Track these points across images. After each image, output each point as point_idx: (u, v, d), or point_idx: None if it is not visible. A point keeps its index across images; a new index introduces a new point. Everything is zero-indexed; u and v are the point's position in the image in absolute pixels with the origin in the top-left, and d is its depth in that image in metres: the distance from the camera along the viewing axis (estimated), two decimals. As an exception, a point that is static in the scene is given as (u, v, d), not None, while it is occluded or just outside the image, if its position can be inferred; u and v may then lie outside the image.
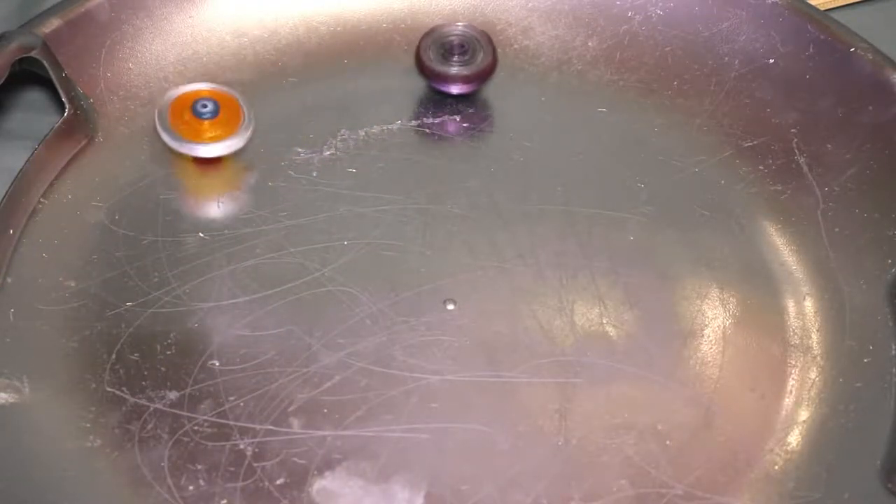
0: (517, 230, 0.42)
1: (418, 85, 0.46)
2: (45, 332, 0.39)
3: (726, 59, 0.46)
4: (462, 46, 0.45)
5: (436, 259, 0.41)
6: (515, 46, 0.48)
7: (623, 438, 0.37)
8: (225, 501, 0.35)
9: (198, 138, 0.42)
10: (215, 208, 0.42)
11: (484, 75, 0.45)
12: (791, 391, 0.39)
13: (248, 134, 0.43)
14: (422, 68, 0.45)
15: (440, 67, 0.45)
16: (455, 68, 0.45)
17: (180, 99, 0.43)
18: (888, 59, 0.44)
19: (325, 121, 0.45)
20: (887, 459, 0.36)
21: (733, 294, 0.41)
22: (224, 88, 0.43)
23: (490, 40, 0.46)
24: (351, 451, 0.36)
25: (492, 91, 0.46)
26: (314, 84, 0.46)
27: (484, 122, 0.45)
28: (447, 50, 0.45)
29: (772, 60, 0.46)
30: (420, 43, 0.46)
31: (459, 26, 0.46)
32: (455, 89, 0.45)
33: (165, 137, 0.42)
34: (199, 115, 0.42)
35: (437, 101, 0.46)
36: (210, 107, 0.42)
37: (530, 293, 0.40)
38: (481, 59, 0.45)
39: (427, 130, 0.45)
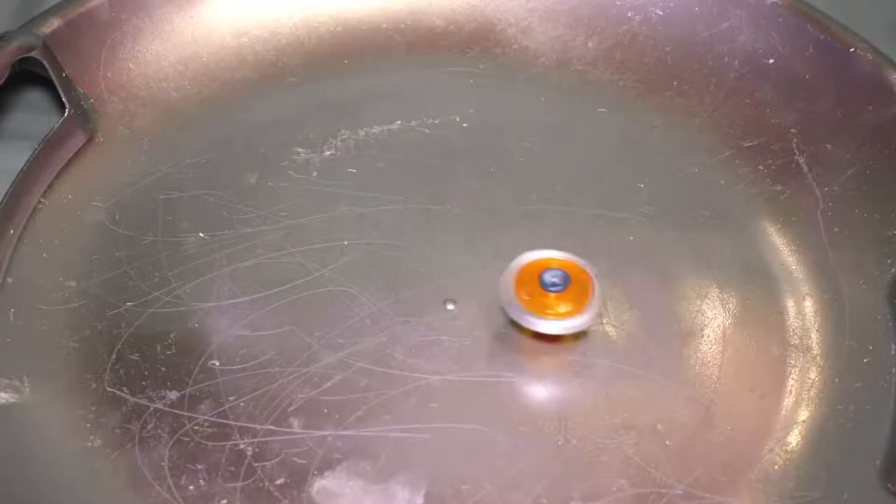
0: (517, 230, 0.42)
1: (418, 85, 0.46)
2: (45, 332, 0.39)
3: (726, 59, 0.46)
4: None
5: (436, 259, 0.41)
6: (515, 46, 0.48)
7: (623, 438, 0.37)
8: (225, 501, 0.35)
9: (541, 312, 0.38)
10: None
11: None
12: (791, 391, 0.39)
13: (593, 314, 0.38)
14: None
15: None
16: None
17: (529, 266, 0.38)
18: (888, 59, 0.44)
19: (325, 121, 0.45)
20: (887, 459, 0.36)
21: (733, 294, 0.41)
22: (575, 259, 0.39)
23: None
24: (351, 451, 0.36)
25: (492, 91, 0.46)
26: (314, 84, 0.46)
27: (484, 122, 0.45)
28: None
29: (772, 60, 0.46)
30: None
31: None
32: None
33: (507, 308, 0.38)
34: (545, 288, 0.38)
35: (437, 101, 0.46)
36: (559, 280, 0.38)
37: (530, 293, 0.40)
38: None
39: (427, 130, 0.45)
